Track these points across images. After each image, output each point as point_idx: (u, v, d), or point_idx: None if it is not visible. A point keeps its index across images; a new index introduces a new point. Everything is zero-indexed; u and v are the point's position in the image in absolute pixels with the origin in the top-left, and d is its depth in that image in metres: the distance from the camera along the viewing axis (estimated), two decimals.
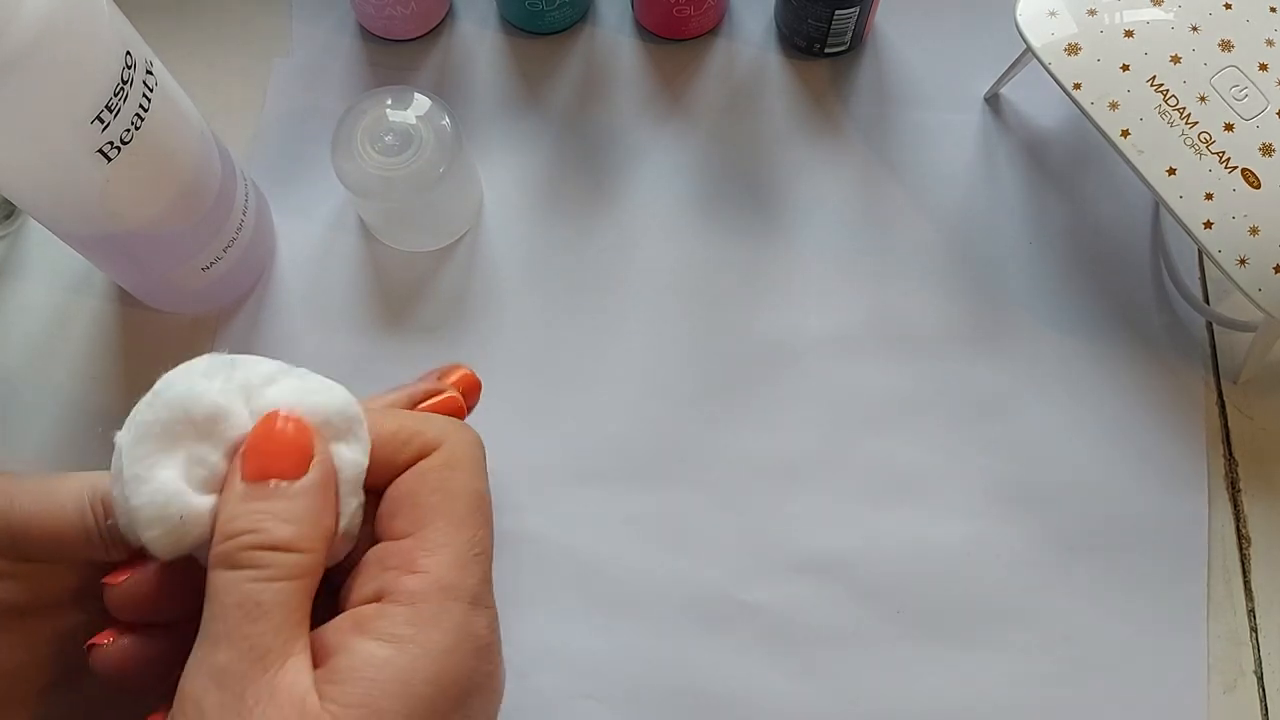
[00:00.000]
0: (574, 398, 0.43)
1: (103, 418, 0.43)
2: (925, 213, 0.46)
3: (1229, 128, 0.39)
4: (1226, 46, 0.39)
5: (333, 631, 0.26)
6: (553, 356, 0.44)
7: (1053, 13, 0.41)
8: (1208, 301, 0.45)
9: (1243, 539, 0.42)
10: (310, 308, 0.45)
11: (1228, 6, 0.40)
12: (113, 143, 0.33)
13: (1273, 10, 0.40)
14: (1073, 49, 0.40)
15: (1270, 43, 0.39)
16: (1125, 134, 0.39)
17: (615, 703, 0.40)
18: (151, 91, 0.34)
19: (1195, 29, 0.40)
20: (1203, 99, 0.39)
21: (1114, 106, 0.39)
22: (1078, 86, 0.40)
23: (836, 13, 0.45)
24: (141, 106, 0.34)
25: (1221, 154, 0.38)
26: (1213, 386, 0.44)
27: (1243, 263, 0.38)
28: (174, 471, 0.26)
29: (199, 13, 0.49)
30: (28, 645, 0.29)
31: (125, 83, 0.33)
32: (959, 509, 0.42)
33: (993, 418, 0.43)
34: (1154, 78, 0.39)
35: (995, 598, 0.41)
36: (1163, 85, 0.39)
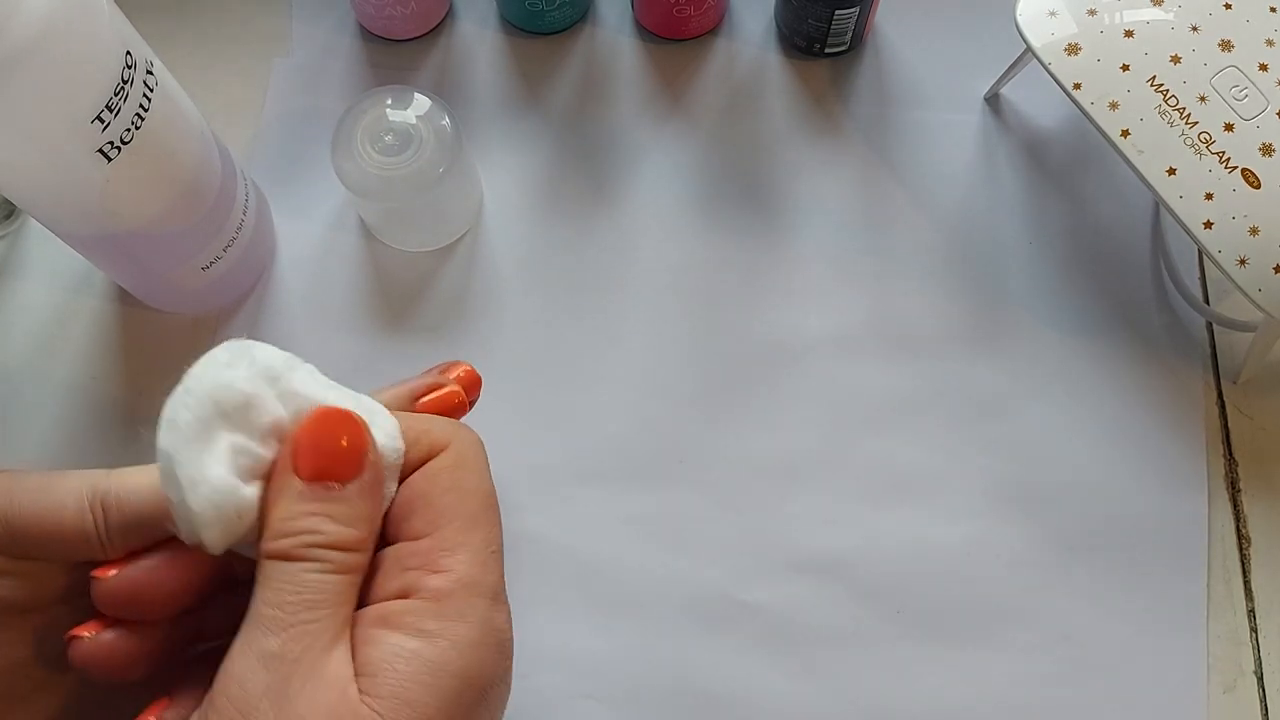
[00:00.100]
0: (574, 398, 0.43)
1: (103, 417, 0.43)
2: (925, 213, 0.46)
3: (1229, 128, 0.39)
4: (1226, 46, 0.39)
5: (358, 626, 0.27)
6: (553, 356, 0.44)
7: (1053, 13, 0.41)
8: (1208, 301, 0.45)
9: (1243, 539, 0.42)
10: (310, 308, 0.45)
11: (1228, 6, 0.40)
12: (113, 142, 0.33)
13: (1273, 10, 0.40)
14: (1073, 49, 0.40)
15: (1270, 43, 0.39)
16: (1125, 134, 0.39)
17: (615, 703, 0.40)
18: (152, 91, 0.34)
19: (1195, 29, 0.40)
20: (1203, 99, 0.39)
21: (1114, 106, 0.39)
22: (1078, 86, 0.40)
23: (836, 13, 0.45)
24: (142, 106, 0.34)
25: (1221, 154, 0.38)
26: (1212, 386, 0.44)
27: (1243, 263, 0.38)
28: (222, 468, 0.26)
29: (199, 13, 0.49)
30: (26, 642, 0.29)
31: (125, 82, 0.33)
32: (959, 509, 0.42)
33: (993, 418, 0.43)
34: (1154, 78, 0.39)
35: (995, 598, 0.41)
36: (1163, 85, 0.39)
